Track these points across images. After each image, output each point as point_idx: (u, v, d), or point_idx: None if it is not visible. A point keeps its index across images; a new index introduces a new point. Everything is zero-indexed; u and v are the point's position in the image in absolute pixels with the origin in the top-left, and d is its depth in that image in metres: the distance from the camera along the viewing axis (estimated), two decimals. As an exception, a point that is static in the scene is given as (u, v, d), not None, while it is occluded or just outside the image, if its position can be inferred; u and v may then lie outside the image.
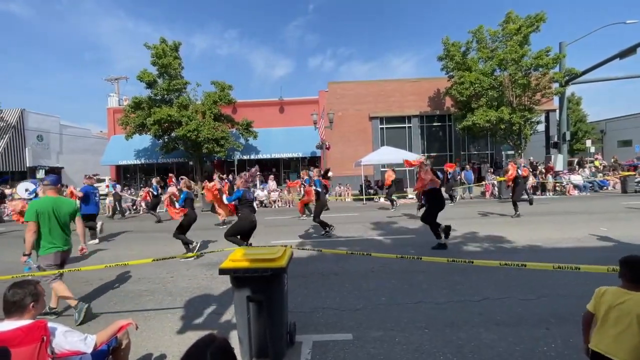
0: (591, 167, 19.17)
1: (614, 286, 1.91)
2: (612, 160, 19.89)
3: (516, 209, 9.31)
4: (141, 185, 21.82)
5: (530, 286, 4.19)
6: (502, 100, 17.60)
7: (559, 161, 18.13)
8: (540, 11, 16.39)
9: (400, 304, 3.89)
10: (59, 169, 26.31)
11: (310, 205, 10.54)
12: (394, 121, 22.19)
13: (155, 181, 12.48)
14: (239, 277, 2.70)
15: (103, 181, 22.87)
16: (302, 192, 11.41)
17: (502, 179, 15.15)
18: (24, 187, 12.09)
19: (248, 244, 5.90)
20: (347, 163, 20.01)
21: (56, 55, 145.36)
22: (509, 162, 10.53)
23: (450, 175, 13.40)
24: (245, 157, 21.01)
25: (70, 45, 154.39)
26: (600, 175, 17.29)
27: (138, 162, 21.66)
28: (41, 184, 4.09)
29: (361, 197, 16.02)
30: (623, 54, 15.13)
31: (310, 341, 3.12)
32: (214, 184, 8.53)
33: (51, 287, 3.74)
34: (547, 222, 8.41)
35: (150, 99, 18.44)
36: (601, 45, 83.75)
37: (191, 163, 21.17)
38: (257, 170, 14.41)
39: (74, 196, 8.97)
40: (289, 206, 15.27)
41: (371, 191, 16.99)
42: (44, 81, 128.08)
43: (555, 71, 17.43)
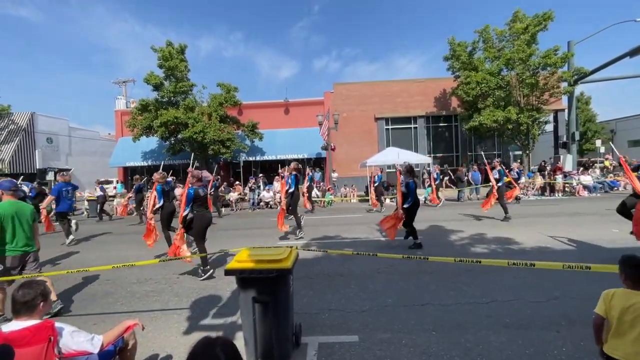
0: (602, 167, 18.81)
1: (620, 288, 1.88)
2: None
3: (506, 211, 9.30)
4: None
5: (540, 288, 4.12)
6: (509, 100, 17.41)
7: (568, 161, 17.86)
8: (549, 10, 16.24)
9: (407, 305, 3.85)
10: (67, 170, 26.69)
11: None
12: (399, 122, 22.10)
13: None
14: (245, 278, 2.69)
15: (111, 183, 23.25)
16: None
17: (508, 180, 15.01)
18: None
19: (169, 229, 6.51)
20: (352, 164, 19.97)
21: (65, 59, 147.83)
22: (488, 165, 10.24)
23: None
24: (250, 159, 21.10)
25: (80, 50, 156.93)
26: (610, 175, 16.98)
27: (145, 163, 21.89)
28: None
29: (367, 197, 15.93)
30: (633, 52, 14.87)
31: (316, 343, 3.10)
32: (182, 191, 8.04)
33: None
34: (557, 223, 8.28)
35: (157, 101, 18.63)
36: (611, 43, 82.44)
37: (197, 164, 21.34)
38: (209, 176, 14.37)
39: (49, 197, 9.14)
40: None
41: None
42: (53, 84, 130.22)
43: (563, 70, 17.19)
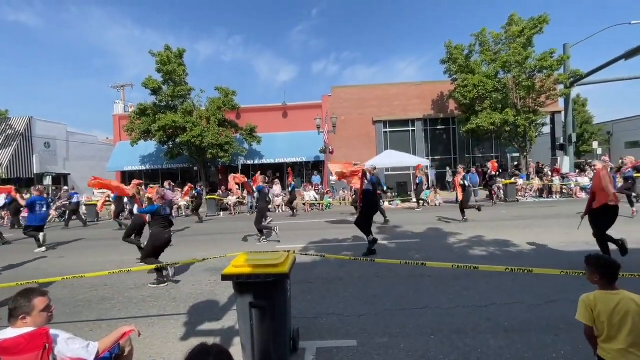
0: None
1: (596, 291, 1.89)
2: (620, 161, 19.61)
3: (463, 214, 9.69)
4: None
5: (538, 291, 4.12)
6: (506, 102, 17.49)
7: (565, 163, 17.92)
8: (544, 13, 16.37)
9: (406, 309, 3.84)
10: (65, 175, 26.61)
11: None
12: (397, 125, 22.15)
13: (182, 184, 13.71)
14: (242, 283, 2.68)
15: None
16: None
17: (508, 182, 15.09)
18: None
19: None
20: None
21: (64, 63, 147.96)
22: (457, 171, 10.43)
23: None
24: (249, 162, 21.08)
25: (77, 54, 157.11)
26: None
27: (143, 167, 21.84)
28: None
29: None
30: (629, 55, 14.94)
31: (314, 348, 3.08)
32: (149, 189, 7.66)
33: None
34: (555, 226, 8.30)
35: (155, 106, 18.65)
36: (606, 46, 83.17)
37: (195, 168, 21.32)
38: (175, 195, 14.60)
39: (22, 199, 9.22)
40: (293, 212, 15.20)
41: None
42: (51, 89, 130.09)
43: (559, 73, 17.31)
